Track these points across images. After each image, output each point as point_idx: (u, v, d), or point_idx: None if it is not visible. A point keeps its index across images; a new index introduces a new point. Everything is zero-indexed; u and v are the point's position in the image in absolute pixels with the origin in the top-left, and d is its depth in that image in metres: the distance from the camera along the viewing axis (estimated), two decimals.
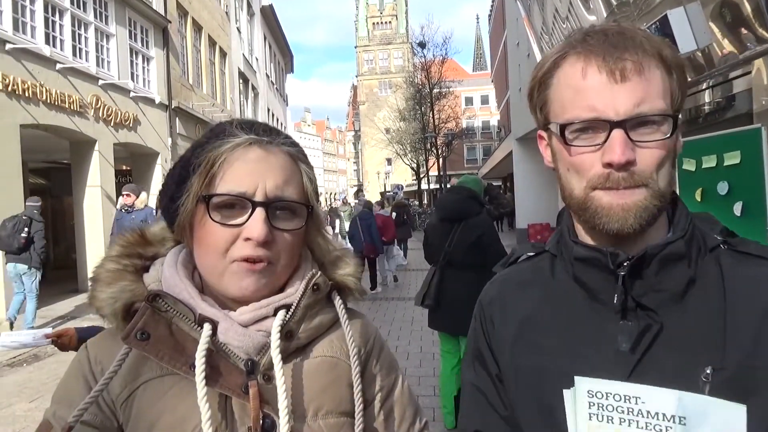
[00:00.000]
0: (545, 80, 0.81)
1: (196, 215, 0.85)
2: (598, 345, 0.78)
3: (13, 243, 7.64)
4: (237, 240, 0.82)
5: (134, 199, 8.45)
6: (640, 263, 0.76)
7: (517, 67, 21.46)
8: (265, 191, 0.83)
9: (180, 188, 0.86)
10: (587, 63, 0.75)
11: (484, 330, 0.94)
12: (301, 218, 0.87)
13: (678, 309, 0.76)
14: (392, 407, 0.96)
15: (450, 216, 4.32)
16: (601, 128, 0.74)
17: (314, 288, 0.89)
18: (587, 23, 10.27)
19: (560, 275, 0.86)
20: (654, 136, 0.73)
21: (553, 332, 0.83)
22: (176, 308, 0.83)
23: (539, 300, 0.87)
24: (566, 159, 0.78)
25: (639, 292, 0.76)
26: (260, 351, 0.85)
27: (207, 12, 19.44)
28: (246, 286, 0.83)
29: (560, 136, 0.77)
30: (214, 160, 0.83)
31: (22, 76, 9.98)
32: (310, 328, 0.89)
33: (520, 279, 0.93)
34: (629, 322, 0.77)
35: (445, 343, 4.43)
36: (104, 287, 0.85)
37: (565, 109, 0.77)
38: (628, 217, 0.73)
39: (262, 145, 0.85)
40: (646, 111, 0.73)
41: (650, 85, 0.73)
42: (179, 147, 16.17)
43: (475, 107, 59.87)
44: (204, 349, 0.80)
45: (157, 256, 0.93)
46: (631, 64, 0.73)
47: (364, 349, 0.95)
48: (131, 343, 0.80)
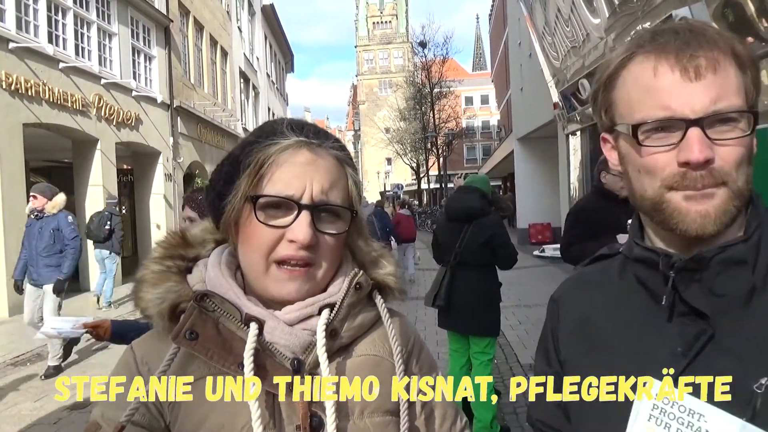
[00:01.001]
0: (610, 82, 0.79)
1: (243, 214, 0.85)
2: (655, 346, 0.77)
3: (100, 234, 9.76)
4: (281, 241, 0.83)
5: (44, 203, 6.46)
6: (694, 266, 0.74)
7: (518, 67, 21.45)
8: (312, 194, 0.83)
9: (228, 186, 0.86)
10: (658, 61, 0.73)
11: (551, 326, 0.94)
12: (344, 222, 0.88)
13: (737, 316, 0.73)
14: (433, 407, 0.97)
15: (461, 216, 4.33)
16: (675, 127, 0.72)
17: (357, 287, 0.90)
18: (590, 23, 10.27)
19: (627, 276, 0.85)
20: (732, 133, 0.71)
21: (614, 331, 0.83)
22: (223, 308, 0.84)
23: (603, 299, 0.87)
24: (637, 160, 0.77)
25: (693, 295, 0.75)
26: (306, 350, 0.85)
27: (208, 11, 19.43)
28: (288, 291, 0.85)
29: (631, 137, 0.75)
30: (263, 161, 0.83)
31: (25, 75, 9.98)
32: (353, 327, 0.90)
33: (588, 278, 0.94)
34: (684, 324, 0.76)
35: (454, 343, 4.44)
36: (150, 288, 0.86)
37: (636, 109, 0.75)
38: (707, 224, 0.72)
39: (311, 147, 0.86)
40: (723, 108, 0.71)
41: (726, 82, 0.72)
42: (181, 146, 16.18)
43: (475, 107, 59.87)
44: (252, 348, 0.80)
45: (198, 257, 0.94)
46: (705, 61, 0.71)
47: (405, 348, 0.96)
48: (181, 343, 0.80)
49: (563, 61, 12.50)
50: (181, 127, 16.36)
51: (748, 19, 6.32)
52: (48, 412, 5.06)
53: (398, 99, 44.84)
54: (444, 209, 4.74)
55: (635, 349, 0.79)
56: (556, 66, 13.19)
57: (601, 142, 0.87)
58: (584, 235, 3.43)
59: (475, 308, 4.20)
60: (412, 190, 47.73)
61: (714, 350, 0.73)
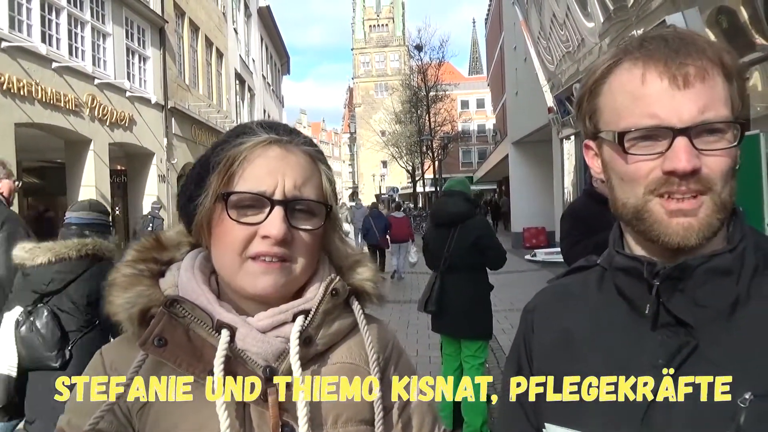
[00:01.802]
0: (596, 88, 0.78)
1: (214, 214, 0.84)
2: (634, 358, 0.76)
3: (142, 236, 11.12)
4: (255, 238, 0.82)
5: None
6: (679, 275, 0.73)
7: (513, 71, 21.52)
8: (284, 190, 0.82)
9: (198, 187, 0.85)
10: (647, 69, 0.72)
11: (525, 338, 0.92)
12: (319, 218, 0.86)
13: (722, 327, 0.72)
14: (411, 415, 0.94)
15: (446, 221, 4.36)
16: (662, 136, 0.70)
17: (333, 293, 0.88)
18: (584, 28, 10.31)
19: (606, 287, 0.84)
20: (719, 144, 0.70)
21: (593, 343, 0.81)
22: (194, 314, 0.82)
23: (582, 311, 0.85)
24: (621, 168, 0.75)
25: (677, 305, 0.73)
26: (279, 357, 0.83)
27: (204, 12, 19.40)
28: (263, 286, 0.82)
29: (617, 144, 0.73)
30: (233, 158, 0.82)
31: (17, 74, 9.92)
32: (328, 334, 0.88)
33: (565, 290, 0.92)
34: (667, 336, 0.74)
35: (447, 347, 4.44)
36: (120, 292, 0.84)
37: (622, 117, 0.74)
38: (690, 237, 0.70)
39: (281, 144, 0.85)
40: (711, 118, 0.69)
41: (714, 91, 0.71)
42: (175, 147, 16.14)
43: (471, 110, 60.01)
44: (222, 355, 0.78)
45: (172, 260, 0.92)
46: (694, 69, 0.70)
47: (382, 356, 0.94)
48: (148, 350, 0.78)
49: (558, 66, 12.54)
50: (176, 128, 16.31)
51: (741, 26, 6.35)
52: None
53: (394, 102, 44.86)
54: (430, 216, 4.74)
55: (614, 362, 0.77)
56: (550, 70, 13.23)
57: (584, 149, 0.85)
58: (584, 236, 3.43)
59: (466, 311, 4.21)
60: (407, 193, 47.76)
61: (697, 362, 0.71)
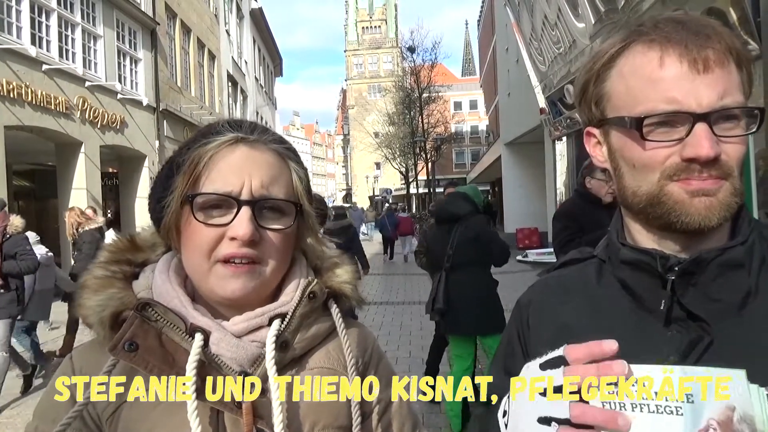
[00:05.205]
0: (603, 72, 0.75)
1: (182, 216, 0.82)
2: (643, 355, 0.72)
3: None
4: (223, 240, 0.80)
5: None
6: (694, 269, 0.71)
7: (506, 73, 21.56)
8: (251, 190, 0.80)
9: (165, 189, 0.83)
10: (664, 51, 0.69)
11: (519, 332, 0.89)
12: (289, 217, 0.84)
13: (734, 322, 0.70)
14: (390, 420, 0.93)
15: (448, 218, 4.37)
16: (680, 122, 0.68)
17: (310, 296, 0.86)
18: (576, 29, 10.33)
19: (607, 281, 0.81)
20: (736, 131, 0.69)
21: (594, 339, 0.79)
22: (166, 318, 0.80)
23: (581, 306, 0.82)
24: (635, 155, 0.72)
25: (691, 300, 0.71)
26: (254, 363, 0.82)
27: (196, 14, 19.33)
28: (232, 289, 0.80)
29: (634, 131, 0.71)
30: (198, 159, 0.80)
31: (6, 76, 9.85)
32: (306, 338, 0.86)
33: (561, 283, 0.88)
34: (678, 332, 0.72)
35: (456, 347, 4.38)
36: (91, 295, 0.81)
37: (638, 101, 0.71)
38: (711, 216, 0.69)
39: (248, 143, 0.83)
40: (730, 104, 0.68)
41: (731, 77, 0.69)
42: (167, 149, 16.05)
43: (464, 112, 60.04)
44: (195, 360, 0.76)
45: (147, 262, 0.89)
46: (714, 53, 0.68)
47: (361, 360, 0.92)
48: (119, 355, 0.76)
49: (550, 67, 12.56)
50: (167, 130, 16.24)
51: (730, 27, 6.39)
52: (25, 420, 4.97)
53: (387, 103, 44.78)
54: (432, 214, 4.70)
55: (621, 358, 0.75)
56: (542, 72, 13.26)
57: (585, 137, 0.82)
58: (576, 235, 3.43)
59: (481, 307, 4.18)
60: (401, 195, 47.73)
61: (712, 358, 0.69)
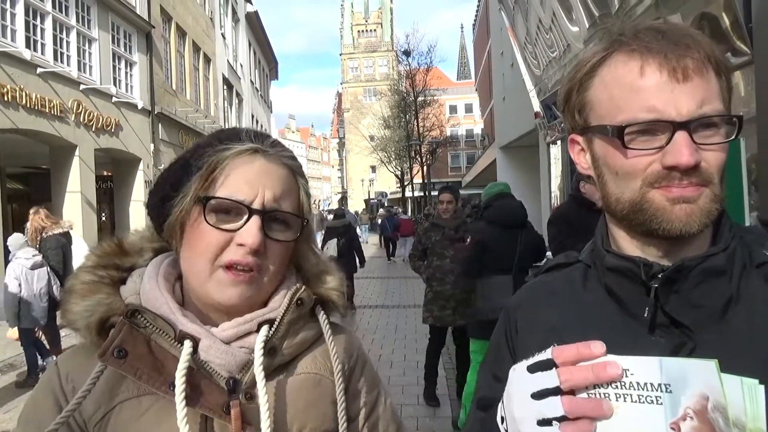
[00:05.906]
0: (585, 81, 0.77)
1: (191, 217, 0.83)
2: None
3: None
4: (229, 245, 0.81)
5: None
6: (676, 276, 0.72)
7: (501, 76, 21.62)
8: (263, 201, 0.82)
9: (175, 189, 0.84)
10: (645, 61, 0.71)
11: (508, 336, 0.90)
12: (294, 231, 0.87)
13: (716, 328, 0.72)
14: (376, 424, 0.94)
15: (518, 222, 4.37)
16: (660, 130, 0.70)
17: (298, 303, 0.87)
18: (570, 34, 10.38)
19: (592, 286, 0.82)
20: (715, 138, 0.70)
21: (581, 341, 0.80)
22: (156, 324, 0.80)
23: (568, 311, 0.83)
24: (617, 163, 0.74)
25: (674, 307, 0.73)
26: (243, 368, 0.83)
27: (191, 18, 19.33)
28: (230, 296, 0.82)
29: (615, 139, 0.72)
30: (216, 164, 0.82)
31: (1, 80, 9.82)
32: (293, 344, 0.87)
33: (548, 288, 0.89)
34: (662, 337, 0.73)
35: (483, 347, 4.38)
36: (78, 300, 0.82)
37: (620, 110, 0.72)
38: (692, 223, 0.70)
39: (265, 155, 0.85)
40: (709, 112, 0.69)
41: (710, 85, 0.70)
42: (162, 153, 16.03)
43: (459, 115, 60.12)
44: (184, 367, 0.77)
45: (134, 267, 0.90)
46: (693, 62, 0.69)
47: (347, 365, 0.94)
48: (108, 361, 0.76)
49: (545, 71, 12.62)
50: (162, 133, 16.21)
51: (723, 32, 6.43)
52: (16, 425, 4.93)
53: (383, 107, 44.86)
54: (498, 217, 4.32)
55: None
56: (537, 75, 13.31)
57: (569, 144, 0.83)
58: (571, 240, 3.46)
59: None
60: (396, 198, 47.76)
61: None
